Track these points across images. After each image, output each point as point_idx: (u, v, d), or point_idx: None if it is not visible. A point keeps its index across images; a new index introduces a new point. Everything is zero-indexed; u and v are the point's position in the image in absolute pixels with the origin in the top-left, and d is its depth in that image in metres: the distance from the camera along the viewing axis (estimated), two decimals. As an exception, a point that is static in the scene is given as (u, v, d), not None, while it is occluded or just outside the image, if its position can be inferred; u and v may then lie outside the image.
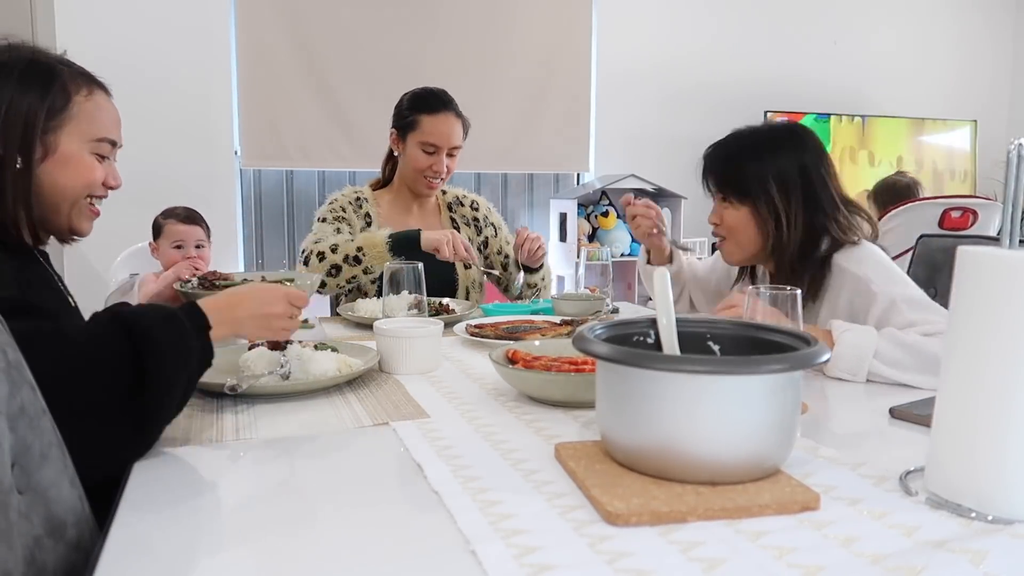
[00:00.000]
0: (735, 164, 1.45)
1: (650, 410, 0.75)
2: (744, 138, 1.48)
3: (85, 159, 1.10)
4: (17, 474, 0.71)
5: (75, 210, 1.12)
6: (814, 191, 1.41)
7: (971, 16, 5.16)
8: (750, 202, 1.43)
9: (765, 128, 1.49)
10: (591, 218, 4.16)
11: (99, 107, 1.12)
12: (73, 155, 1.09)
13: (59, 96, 1.07)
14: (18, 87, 1.04)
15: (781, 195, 1.40)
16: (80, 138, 1.09)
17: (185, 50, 3.59)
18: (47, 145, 1.06)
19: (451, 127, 2.04)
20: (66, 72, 1.09)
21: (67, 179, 1.09)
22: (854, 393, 1.20)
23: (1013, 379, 0.69)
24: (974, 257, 0.73)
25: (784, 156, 1.42)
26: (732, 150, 1.48)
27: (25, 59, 1.07)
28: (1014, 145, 0.74)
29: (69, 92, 1.08)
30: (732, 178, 1.45)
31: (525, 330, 1.50)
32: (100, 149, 1.12)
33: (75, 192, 1.11)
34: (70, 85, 1.08)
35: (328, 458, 0.90)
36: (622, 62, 4.37)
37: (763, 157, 1.43)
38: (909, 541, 0.66)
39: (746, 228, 1.45)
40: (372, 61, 3.84)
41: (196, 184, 3.59)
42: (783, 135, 1.47)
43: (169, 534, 0.70)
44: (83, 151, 1.10)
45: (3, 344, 0.73)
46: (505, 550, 0.64)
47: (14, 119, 1.03)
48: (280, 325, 1.07)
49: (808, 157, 1.43)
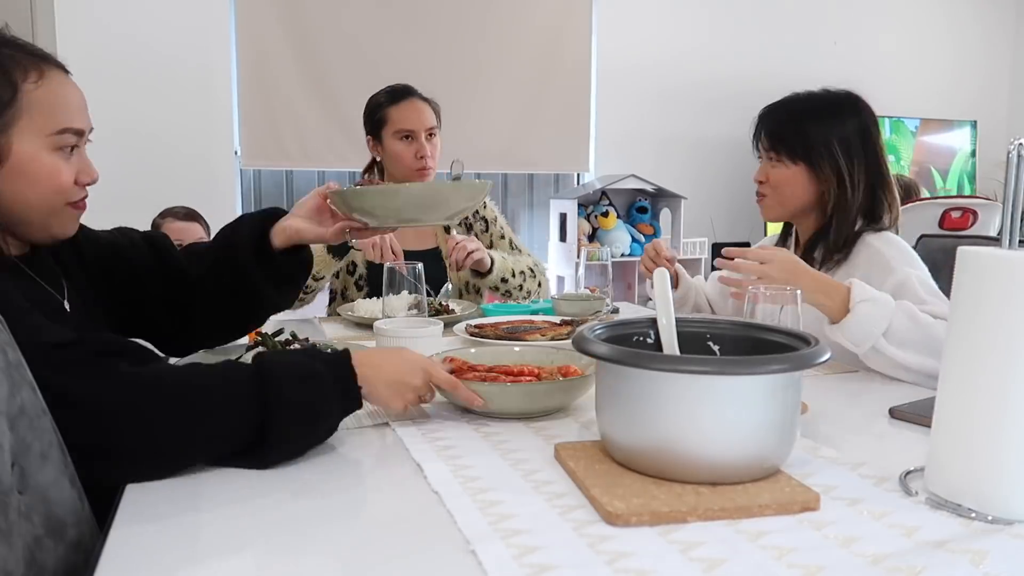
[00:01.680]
0: (795, 123, 1.47)
1: (650, 410, 0.75)
2: (804, 100, 1.50)
3: (45, 162, 0.92)
4: (17, 474, 0.71)
5: (52, 218, 0.96)
6: (876, 158, 1.45)
7: (971, 16, 5.16)
8: (807, 161, 1.45)
9: (824, 92, 1.50)
10: (591, 218, 4.16)
11: (54, 93, 0.93)
12: (30, 159, 0.91)
13: (4, 89, 0.88)
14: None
15: (845, 157, 1.43)
16: (36, 135, 0.91)
17: (185, 50, 3.59)
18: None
19: (419, 110, 2.03)
20: (7, 56, 0.90)
21: (30, 189, 0.92)
22: (854, 393, 1.20)
23: (1013, 379, 0.69)
24: (974, 257, 0.73)
25: (847, 120, 1.45)
26: (792, 110, 1.50)
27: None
28: (1014, 145, 0.74)
29: (15, 81, 0.89)
30: (790, 136, 1.47)
31: (525, 330, 1.50)
32: (63, 142, 0.94)
33: (44, 202, 0.94)
34: (15, 72, 0.89)
35: (328, 458, 0.90)
36: (622, 62, 4.37)
37: (825, 119, 1.46)
38: (909, 541, 0.66)
39: (794, 186, 1.47)
40: (372, 61, 3.84)
41: (196, 184, 3.59)
42: (844, 100, 1.49)
43: (169, 534, 0.70)
44: (41, 152, 0.92)
45: (3, 344, 0.73)
46: (505, 550, 0.64)
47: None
48: (411, 398, 0.96)
49: (869, 124, 1.47)
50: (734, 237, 4.60)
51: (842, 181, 1.43)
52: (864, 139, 1.45)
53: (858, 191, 1.44)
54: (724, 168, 4.55)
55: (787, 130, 1.48)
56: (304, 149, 3.80)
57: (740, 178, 4.58)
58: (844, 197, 1.44)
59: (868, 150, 1.44)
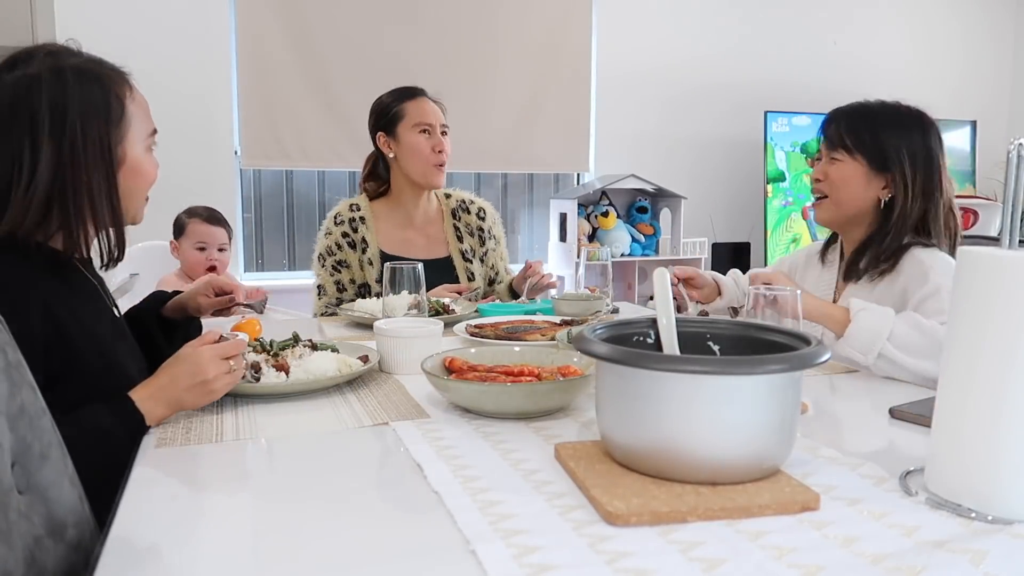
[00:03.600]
0: (870, 125, 1.48)
1: (650, 410, 0.75)
2: (878, 107, 1.51)
3: (146, 160, 1.12)
4: (17, 474, 0.71)
5: (141, 205, 1.15)
6: (938, 176, 1.46)
7: (971, 16, 5.16)
8: (877, 162, 1.46)
9: (897, 104, 1.52)
10: (591, 218, 4.16)
11: (140, 103, 1.13)
12: (138, 159, 1.11)
13: (115, 105, 1.07)
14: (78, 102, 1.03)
15: (911, 168, 1.44)
16: (139, 140, 1.11)
17: (185, 50, 3.59)
18: (119, 157, 1.08)
19: (433, 107, 2.05)
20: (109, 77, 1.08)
21: (137, 184, 1.11)
22: (854, 393, 1.20)
23: (1013, 379, 0.69)
24: (974, 257, 0.73)
25: (917, 134, 1.47)
26: (867, 113, 1.51)
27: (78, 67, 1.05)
28: (1014, 145, 0.74)
29: (122, 98, 1.09)
30: (866, 135, 1.47)
31: (525, 330, 1.50)
32: (151, 143, 1.15)
33: (143, 192, 1.14)
34: (120, 91, 1.09)
35: (328, 458, 0.90)
36: (622, 62, 4.37)
37: (898, 128, 1.47)
38: (909, 541, 0.66)
39: (855, 186, 1.47)
40: (372, 61, 3.84)
41: (196, 184, 3.59)
42: (916, 114, 1.51)
43: (169, 534, 0.70)
44: (143, 153, 1.12)
45: (3, 344, 0.73)
46: (505, 550, 0.64)
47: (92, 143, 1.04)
48: (220, 385, 1.03)
49: (937, 143, 1.48)
50: (734, 237, 4.61)
51: (906, 190, 1.44)
52: (929, 155, 1.46)
53: (917, 204, 1.44)
54: (724, 168, 4.55)
55: (862, 129, 1.48)
56: (304, 149, 3.80)
57: (740, 178, 4.59)
58: (904, 207, 1.44)
59: (932, 167, 1.45)
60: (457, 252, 2.11)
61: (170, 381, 1.01)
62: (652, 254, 4.22)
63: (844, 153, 1.48)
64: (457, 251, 2.11)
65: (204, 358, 1.02)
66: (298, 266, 4.07)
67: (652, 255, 4.21)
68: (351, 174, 4.18)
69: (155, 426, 0.99)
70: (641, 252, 4.21)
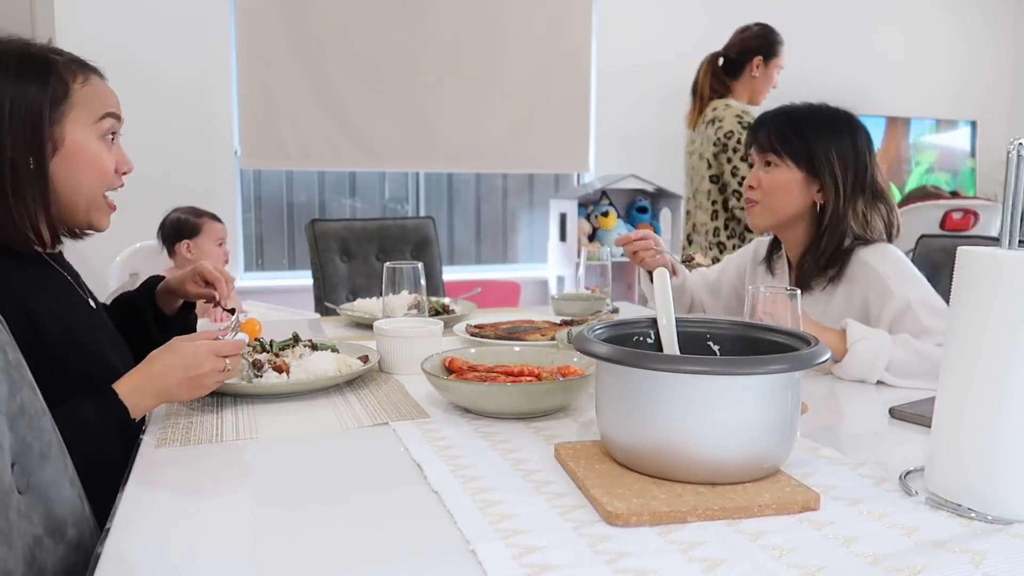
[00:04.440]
0: (797, 129, 1.47)
1: (650, 410, 0.75)
2: (805, 110, 1.51)
3: (92, 147, 1.07)
4: (17, 474, 0.71)
5: (93, 206, 1.10)
6: (871, 176, 1.46)
7: (971, 16, 5.16)
8: (807, 167, 1.45)
9: (823, 106, 1.52)
10: (591, 218, 4.17)
11: (96, 90, 1.09)
12: (81, 145, 1.06)
13: (58, 86, 1.04)
14: (16, 83, 1.01)
15: (841, 169, 1.44)
16: (84, 124, 1.07)
17: (185, 50, 3.59)
18: (55, 139, 1.03)
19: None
20: (59, 61, 1.06)
21: (80, 173, 1.06)
22: (854, 393, 1.20)
23: (1013, 379, 0.69)
24: (974, 257, 0.73)
25: (845, 135, 1.46)
26: (794, 116, 1.50)
27: (17, 52, 1.04)
28: (1014, 145, 0.74)
29: (67, 81, 1.05)
30: (794, 140, 1.47)
31: (525, 330, 1.50)
32: (105, 127, 1.09)
33: (91, 187, 1.08)
34: (66, 74, 1.06)
35: (328, 458, 0.90)
36: (622, 62, 4.37)
37: (826, 130, 1.46)
38: (909, 541, 0.66)
39: (788, 192, 1.47)
40: (372, 61, 3.84)
41: (196, 184, 3.59)
42: (843, 116, 1.50)
43: (169, 534, 0.70)
44: (89, 138, 1.07)
45: (3, 344, 0.73)
46: (505, 550, 0.64)
47: (19, 117, 1.01)
48: (211, 381, 1.03)
49: (865, 143, 1.47)
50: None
51: (838, 192, 1.43)
52: (858, 154, 1.45)
53: (850, 204, 1.44)
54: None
55: (790, 134, 1.47)
56: (304, 149, 3.80)
57: (740, 178, 4.58)
58: (837, 209, 1.43)
59: (861, 165, 1.45)
60: None
61: (161, 371, 1.00)
62: (652, 254, 4.21)
63: (775, 158, 1.47)
64: None
65: (201, 352, 1.01)
66: (298, 266, 4.07)
67: (652, 255, 4.20)
68: (351, 174, 4.18)
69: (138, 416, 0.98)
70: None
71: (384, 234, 2.59)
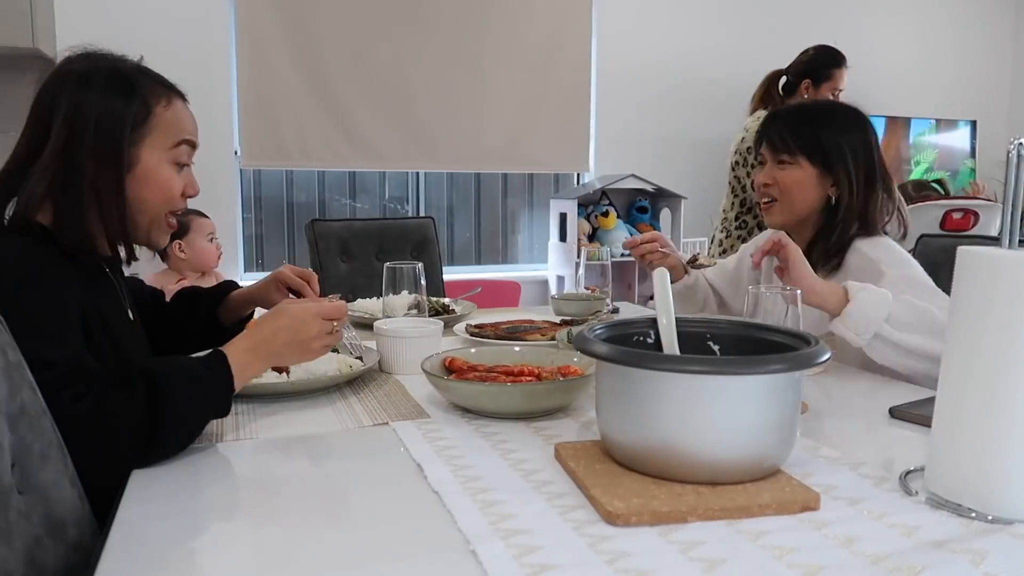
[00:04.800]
0: (811, 127, 1.48)
1: (650, 410, 0.75)
2: (816, 107, 1.53)
3: (164, 172, 1.09)
4: (17, 474, 0.71)
5: (154, 225, 1.11)
6: (878, 169, 1.47)
7: (971, 16, 5.16)
8: (823, 164, 1.46)
9: (832, 102, 1.54)
10: (591, 218, 4.16)
11: (177, 115, 1.12)
12: (153, 169, 1.08)
13: (141, 108, 1.06)
14: (103, 100, 1.03)
15: (854, 164, 1.45)
16: (160, 149, 1.08)
17: (185, 50, 3.59)
18: (130, 159, 1.05)
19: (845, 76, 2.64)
20: (145, 82, 1.09)
21: (147, 194, 1.08)
22: (854, 393, 1.20)
23: (1013, 379, 0.69)
24: (974, 257, 0.73)
25: (856, 130, 1.48)
26: (806, 113, 1.51)
27: (108, 69, 1.07)
28: (1014, 145, 0.74)
29: (149, 104, 1.08)
30: (808, 138, 1.48)
31: (525, 330, 1.50)
32: (179, 156, 1.11)
33: (156, 208, 1.10)
34: (150, 97, 1.08)
35: (328, 458, 0.90)
36: (622, 62, 4.37)
37: (838, 126, 1.48)
38: (909, 541, 0.66)
39: (805, 189, 1.48)
40: (372, 61, 3.84)
41: (196, 184, 3.59)
42: (852, 112, 1.52)
43: (169, 534, 0.70)
44: (162, 163, 1.09)
45: (3, 344, 0.73)
46: (505, 550, 0.64)
47: (102, 133, 1.03)
48: (320, 344, 1.04)
49: (874, 138, 1.49)
50: (734, 237, 4.60)
51: (850, 187, 1.45)
52: (868, 150, 1.47)
53: (860, 199, 1.46)
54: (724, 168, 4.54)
55: (803, 130, 1.48)
56: (304, 149, 3.80)
57: (740, 178, 4.58)
58: (850, 203, 1.45)
59: (871, 161, 1.47)
60: None
61: (271, 334, 1.01)
62: (652, 254, 4.21)
63: (790, 156, 1.48)
64: None
65: (309, 314, 1.02)
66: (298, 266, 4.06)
67: (652, 255, 4.20)
68: (351, 174, 4.18)
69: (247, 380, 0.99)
70: (641, 252, 4.20)
71: (384, 234, 2.59)
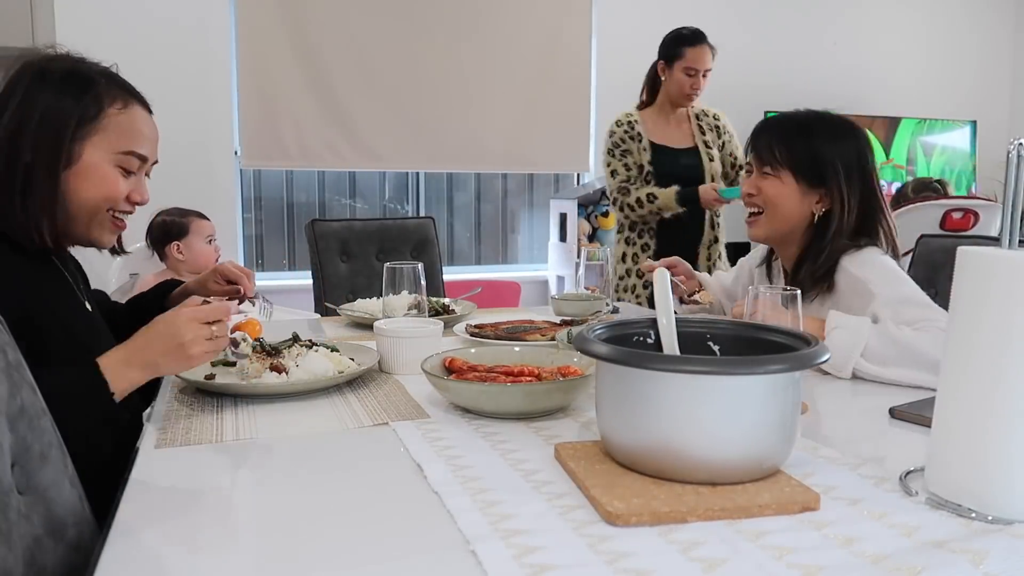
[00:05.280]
0: (805, 139, 1.42)
1: (650, 410, 0.75)
2: (810, 118, 1.45)
3: (107, 171, 1.09)
4: (17, 474, 0.71)
5: (95, 222, 1.11)
6: (871, 184, 1.42)
7: (971, 16, 5.16)
8: (814, 178, 1.41)
9: (824, 113, 1.46)
10: (591, 218, 4.17)
11: (133, 121, 1.11)
12: (95, 166, 1.07)
13: (91, 106, 1.06)
14: (54, 95, 1.04)
15: (847, 181, 1.40)
16: (106, 150, 1.08)
17: (185, 50, 3.59)
18: (71, 154, 1.05)
19: (705, 55, 2.65)
20: (103, 83, 1.09)
21: (87, 190, 1.08)
22: (854, 393, 1.20)
23: (1013, 379, 0.69)
24: (974, 257, 0.73)
25: (849, 144, 1.42)
26: (797, 125, 1.45)
27: (66, 67, 1.07)
28: (1014, 145, 0.74)
29: (102, 103, 1.08)
30: (800, 151, 1.42)
31: (525, 330, 1.50)
32: (126, 163, 1.11)
33: (94, 203, 1.09)
34: (105, 97, 1.08)
35: (328, 458, 0.90)
36: (622, 62, 4.36)
37: (830, 139, 1.42)
38: (909, 541, 0.66)
39: (791, 202, 1.42)
40: (372, 61, 3.84)
41: (196, 184, 3.59)
42: (845, 124, 1.46)
43: (169, 534, 0.70)
44: (106, 163, 1.09)
45: (3, 344, 0.73)
46: (505, 550, 0.64)
47: (46, 125, 1.03)
48: (199, 350, 1.00)
49: (867, 151, 1.44)
50: (734, 237, 4.59)
51: (842, 204, 1.40)
52: (862, 165, 1.42)
53: (853, 216, 1.40)
54: (724, 168, 4.55)
55: (797, 144, 1.42)
56: (304, 149, 3.80)
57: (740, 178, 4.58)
58: (841, 221, 1.40)
59: (865, 177, 1.41)
60: (701, 143, 2.72)
61: (145, 343, 0.99)
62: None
63: (777, 167, 1.42)
64: (701, 142, 2.73)
65: (180, 320, 1.00)
66: (298, 266, 4.07)
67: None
68: (351, 174, 4.18)
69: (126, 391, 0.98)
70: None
71: (384, 234, 2.59)
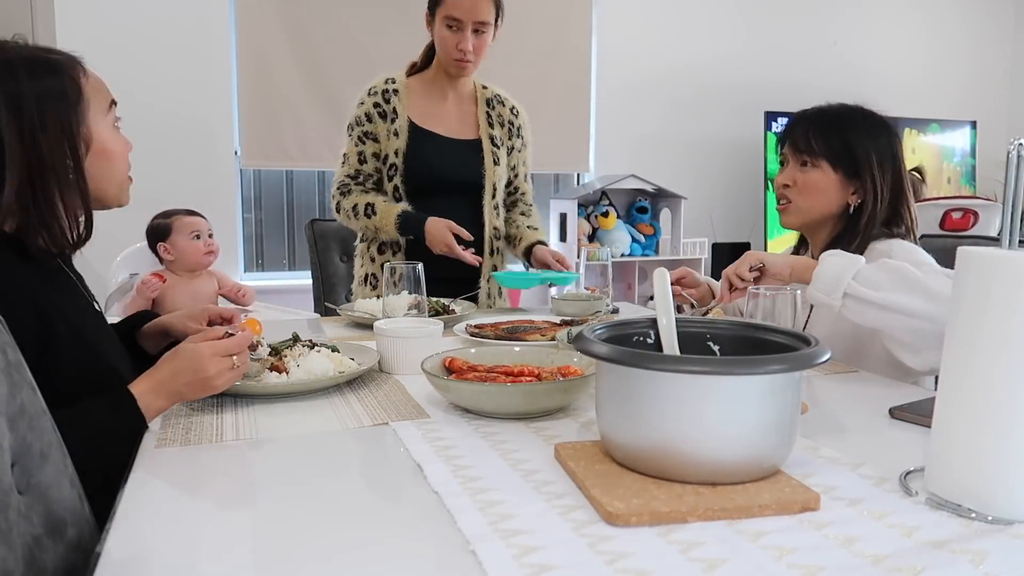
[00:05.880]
0: (840, 131, 1.46)
1: (650, 410, 0.75)
2: (845, 111, 1.49)
3: (113, 139, 1.10)
4: (17, 474, 0.71)
5: (121, 189, 1.13)
6: (900, 176, 1.47)
7: (971, 16, 5.16)
8: (849, 169, 1.45)
9: (858, 108, 1.50)
10: (591, 218, 4.16)
11: (95, 82, 1.11)
12: (105, 140, 1.08)
13: (71, 88, 1.05)
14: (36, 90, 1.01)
15: (880, 172, 1.44)
16: (100, 115, 1.09)
17: (185, 50, 3.59)
18: (86, 138, 1.05)
19: (471, 3, 1.93)
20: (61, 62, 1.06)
21: (110, 167, 1.09)
22: (854, 393, 1.20)
23: (1013, 379, 0.69)
24: (974, 257, 0.73)
25: (883, 137, 1.47)
26: (836, 117, 1.49)
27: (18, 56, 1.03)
28: (1014, 145, 0.74)
29: (77, 79, 1.06)
30: (836, 142, 1.46)
31: (525, 330, 1.50)
32: (113, 116, 1.12)
33: (120, 175, 1.12)
34: (74, 73, 1.06)
35: (328, 458, 0.90)
36: (622, 62, 4.37)
37: (865, 132, 1.46)
38: (909, 541, 0.66)
39: (826, 192, 1.46)
40: (372, 61, 3.84)
41: (196, 184, 3.60)
42: (878, 117, 1.50)
43: (169, 534, 0.70)
44: (107, 129, 1.10)
45: (3, 344, 0.73)
46: (505, 550, 0.64)
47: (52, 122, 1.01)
48: (220, 382, 1.02)
49: (898, 145, 1.48)
50: (734, 237, 4.60)
51: (875, 195, 1.44)
52: (894, 158, 1.46)
53: (885, 207, 1.45)
54: (724, 168, 4.55)
55: (833, 135, 1.46)
56: (304, 149, 3.80)
57: (740, 178, 4.59)
58: (874, 211, 1.44)
59: (896, 168, 1.46)
60: (487, 136, 2.10)
61: (171, 376, 1.00)
62: (652, 254, 4.22)
63: (813, 158, 1.46)
64: (487, 135, 2.10)
65: (204, 357, 1.01)
66: (298, 266, 4.07)
67: (652, 255, 4.21)
68: (351, 174, 4.17)
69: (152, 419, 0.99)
70: (641, 252, 4.21)
71: (384, 234, 2.58)
